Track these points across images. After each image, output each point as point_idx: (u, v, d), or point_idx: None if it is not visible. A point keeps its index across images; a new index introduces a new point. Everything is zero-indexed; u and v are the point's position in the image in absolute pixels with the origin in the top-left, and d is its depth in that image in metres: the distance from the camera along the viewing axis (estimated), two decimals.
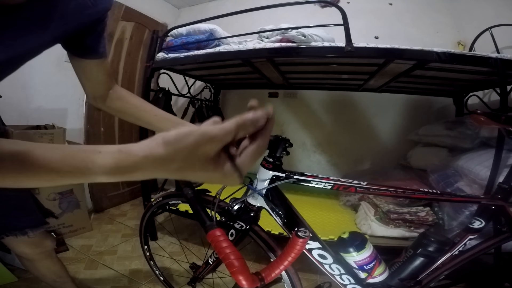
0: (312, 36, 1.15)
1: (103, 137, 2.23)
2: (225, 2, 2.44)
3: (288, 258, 0.60)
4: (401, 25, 1.96)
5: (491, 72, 1.15)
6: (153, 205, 1.07)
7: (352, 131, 2.17)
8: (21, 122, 1.63)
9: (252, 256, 1.57)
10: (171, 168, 0.26)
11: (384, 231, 1.33)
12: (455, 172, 1.34)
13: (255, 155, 0.31)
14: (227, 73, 1.84)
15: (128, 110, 0.68)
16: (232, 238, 0.81)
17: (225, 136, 0.27)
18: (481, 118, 0.75)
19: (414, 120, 1.97)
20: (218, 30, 1.47)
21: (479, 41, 1.68)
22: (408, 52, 1.06)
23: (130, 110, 0.68)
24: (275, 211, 0.77)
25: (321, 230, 1.37)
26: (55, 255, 0.94)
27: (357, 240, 0.78)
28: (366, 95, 2.05)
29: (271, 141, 0.74)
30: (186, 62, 1.46)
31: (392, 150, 2.06)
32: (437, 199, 1.23)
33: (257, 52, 1.23)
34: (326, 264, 0.75)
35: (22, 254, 0.87)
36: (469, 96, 1.68)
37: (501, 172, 1.06)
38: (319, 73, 1.65)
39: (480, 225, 0.82)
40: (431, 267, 0.79)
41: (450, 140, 1.53)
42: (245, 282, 0.57)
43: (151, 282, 1.33)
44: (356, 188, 0.75)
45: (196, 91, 2.39)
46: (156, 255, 1.43)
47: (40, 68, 1.81)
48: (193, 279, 0.99)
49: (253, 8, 1.22)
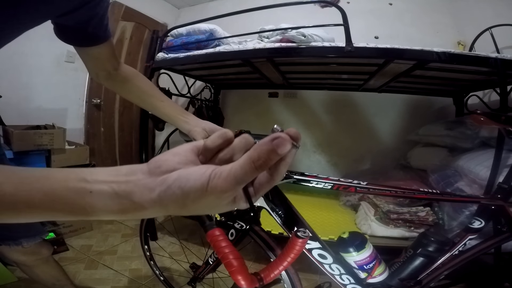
0: (312, 36, 1.15)
1: (103, 137, 2.23)
2: (225, 2, 2.44)
3: (288, 258, 0.60)
4: (401, 25, 1.96)
5: (491, 72, 1.15)
6: None
7: (352, 131, 2.17)
8: (21, 122, 1.63)
9: (252, 256, 1.57)
10: (179, 211, 0.23)
11: (384, 231, 1.33)
12: (455, 172, 1.34)
13: (270, 186, 0.25)
14: (227, 73, 1.84)
15: (133, 92, 0.68)
16: (232, 238, 0.81)
17: (236, 189, 0.21)
18: (481, 118, 0.75)
19: (414, 120, 1.97)
20: (218, 30, 1.47)
21: (479, 41, 1.68)
22: (408, 52, 1.06)
23: (135, 93, 0.68)
24: (275, 211, 0.77)
25: (321, 230, 1.37)
26: (52, 259, 0.91)
27: (357, 240, 0.79)
28: (366, 95, 2.05)
29: None
30: (186, 62, 1.46)
31: (392, 150, 2.06)
32: (437, 199, 1.23)
33: (257, 52, 1.23)
34: (326, 264, 0.75)
35: (17, 261, 0.84)
36: (469, 96, 1.68)
37: (501, 172, 1.06)
38: (319, 73, 1.65)
39: (480, 225, 0.82)
40: (431, 267, 0.79)
41: (450, 140, 1.53)
42: (243, 282, 0.57)
43: (151, 282, 1.33)
44: (356, 188, 0.75)
45: (196, 91, 2.39)
46: (156, 255, 1.43)
47: (40, 68, 1.81)
48: (193, 279, 0.99)
49: (253, 8, 1.22)
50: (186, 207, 0.22)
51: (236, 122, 2.43)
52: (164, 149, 1.90)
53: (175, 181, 0.21)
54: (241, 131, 0.83)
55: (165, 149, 1.91)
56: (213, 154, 0.24)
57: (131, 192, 0.22)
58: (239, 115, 2.46)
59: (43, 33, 0.74)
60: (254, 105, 2.41)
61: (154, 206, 0.22)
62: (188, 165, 0.23)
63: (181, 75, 1.99)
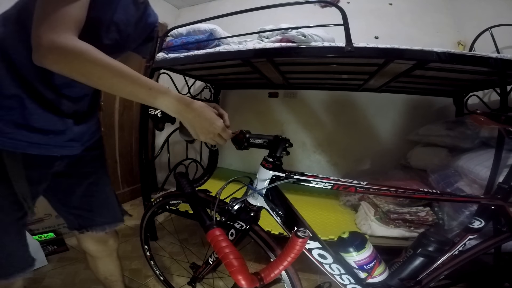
0: (312, 36, 1.15)
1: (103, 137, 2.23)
2: (225, 2, 2.44)
3: (288, 258, 0.60)
4: (401, 25, 1.96)
5: (491, 72, 1.15)
6: (153, 205, 1.07)
7: (352, 131, 2.17)
8: None
9: (252, 256, 1.57)
10: (192, 116, 0.61)
11: (384, 231, 1.33)
12: (455, 172, 1.34)
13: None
14: (227, 73, 1.84)
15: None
16: (232, 238, 0.81)
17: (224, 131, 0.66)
18: (481, 118, 0.75)
19: (414, 120, 1.97)
20: (218, 30, 1.47)
21: (479, 41, 1.68)
22: (408, 52, 1.06)
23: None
24: (275, 211, 0.77)
25: (321, 230, 1.37)
26: (116, 254, 0.97)
27: (357, 240, 0.79)
28: (366, 95, 2.04)
29: (271, 141, 0.74)
30: (186, 62, 1.45)
31: (392, 150, 2.05)
32: (437, 199, 1.23)
33: (257, 52, 1.23)
34: (326, 264, 0.75)
35: (86, 249, 0.91)
36: (469, 96, 1.68)
37: (501, 172, 1.06)
38: (319, 73, 1.65)
39: (480, 225, 0.82)
40: (431, 267, 0.79)
41: (450, 140, 1.53)
42: (244, 282, 0.57)
43: (151, 282, 1.33)
44: (356, 188, 0.75)
45: (196, 91, 2.39)
46: (156, 255, 1.43)
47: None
48: (193, 279, 0.99)
49: (253, 8, 1.22)
50: (194, 112, 0.60)
51: (236, 122, 2.41)
52: (164, 149, 1.90)
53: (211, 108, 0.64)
54: (241, 131, 0.84)
55: (165, 149, 1.91)
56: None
57: (183, 96, 0.60)
58: (239, 115, 2.46)
59: None
60: (254, 105, 2.41)
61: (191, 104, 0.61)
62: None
63: (181, 75, 1.99)
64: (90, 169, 0.82)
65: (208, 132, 0.63)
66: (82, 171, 0.80)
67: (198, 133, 0.63)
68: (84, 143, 0.76)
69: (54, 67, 0.49)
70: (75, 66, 0.49)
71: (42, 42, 0.47)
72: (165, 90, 0.58)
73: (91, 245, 0.90)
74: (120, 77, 0.51)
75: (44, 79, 0.58)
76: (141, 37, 0.82)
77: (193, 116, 0.61)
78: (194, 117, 0.61)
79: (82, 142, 0.74)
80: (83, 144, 0.75)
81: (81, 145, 0.74)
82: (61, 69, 0.49)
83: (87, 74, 0.49)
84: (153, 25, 0.83)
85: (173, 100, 0.58)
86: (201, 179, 1.05)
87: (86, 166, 0.80)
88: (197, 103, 0.61)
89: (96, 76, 0.49)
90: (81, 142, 0.74)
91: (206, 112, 0.62)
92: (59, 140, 0.66)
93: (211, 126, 0.62)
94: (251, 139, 0.74)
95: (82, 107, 0.71)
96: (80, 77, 0.50)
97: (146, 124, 1.72)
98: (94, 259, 0.94)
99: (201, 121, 0.61)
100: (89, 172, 0.82)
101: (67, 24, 0.48)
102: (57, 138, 0.65)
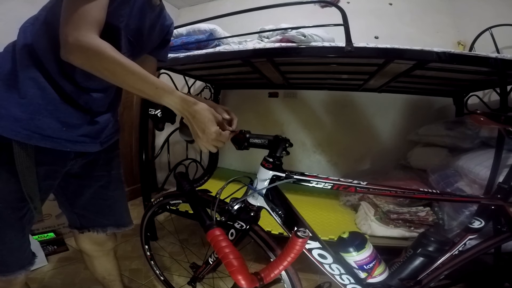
0: (312, 36, 1.15)
1: None
2: (225, 2, 2.44)
3: (288, 258, 0.60)
4: (401, 25, 1.96)
5: (491, 72, 1.15)
6: (153, 205, 1.07)
7: (352, 131, 2.16)
8: None
9: (252, 256, 1.57)
10: (192, 112, 0.62)
11: (384, 231, 1.33)
12: (455, 172, 1.34)
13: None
14: (227, 73, 1.84)
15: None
16: (232, 238, 0.81)
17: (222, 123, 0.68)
18: (481, 118, 0.75)
19: (414, 120, 1.97)
20: (218, 30, 1.47)
21: (479, 41, 1.68)
22: (408, 52, 1.06)
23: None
24: (275, 211, 0.77)
25: (321, 230, 1.37)
26: (113, 254, 0.98)
27: (357, 240, 0.78)
28: (366, 95, 2.04)
29: (271, 141, 0.74)
30: (186, 62, 1.45)
31: (392, 150, 2.05)
32: (437, 199, 1.23)
33: (257, 52, 1.23)
34: (326, 264, 0.75)
35: (83, 249, 0.93)
36: (469, 96, 1.68)
37: (501, 172, 1.06)
38: (319, 73, 1.65)
39: (480, 225, 0.82)
40: (431, 267, 0.79)
41: (450, 140, 1.53)
42: (243, 282, 0.57)
43: (151, 282, 1.33)
44: (356, 188, 0.75)
45: (196, 91, 2.39)
46: (156, 255, 1.43)
47: None
48: (193, 279, 0.99)
49: (253, 8, 1.22)
50: (194, 106, 0.62)
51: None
52: (164, 149, 1.90)
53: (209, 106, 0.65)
54: (241, 131, 0.84)
55: (165, 149, 1.91)
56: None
57: (187, 97, 0.62)
58: (239, 115, 2.39)
59: None
60: (254, 105, 2.41)
61: (193, 103, 0.62)
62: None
63: (181, 75, 1.99)
64: (103, 172, 0.83)
65: (203, 135, 0.64)
66: (95, 174, 0.81)
67: (194, 134, 0.66)
68: (101, 143, 0.75)
69: (77, 62, 0.56)
70: (94, 62, 0.55)
71: (69, 39, 0.53)
72: (170, 90, 0.61)
73: (88, 245, 0.90)
74: (132, 74, 0.57)
75: (65, 73, 0.63)
76: (157, 40, 0.84)
77: (192, 117, 0.63)
78: (193, 118, 0.63)
79: (98, 140, 0.74)
80: (99, 142, 0.75)
81: (95, 143, 0.73)
82: (83, 64, 0.56)
83: (103, 70, 0.56)
84: (168, 28, 0.85)
85: (177, 99, 0.62)
86: (201, 179, 1.05)
87: (99, 169, 0.81)
88: (199, 105, 0.62)
89: (111, 72, 0.56)
90: (96, 140, 0.73)
91: (204, 116, 0.62)
92: (73, 134, 0.66)
93: (205, 131, 0.63)
94: (251, 139, 0.74)
95: (100, 104, 0.72)
96: (98, 73, 0.57)
97: (146, 124, 1.72)
98: (91, 258, 0.94)
99: (197, 123, 0.63)
100: (101, 176, 0.83)
101: (89, 23, 0.54)
102: (71, 131, 0.66)
